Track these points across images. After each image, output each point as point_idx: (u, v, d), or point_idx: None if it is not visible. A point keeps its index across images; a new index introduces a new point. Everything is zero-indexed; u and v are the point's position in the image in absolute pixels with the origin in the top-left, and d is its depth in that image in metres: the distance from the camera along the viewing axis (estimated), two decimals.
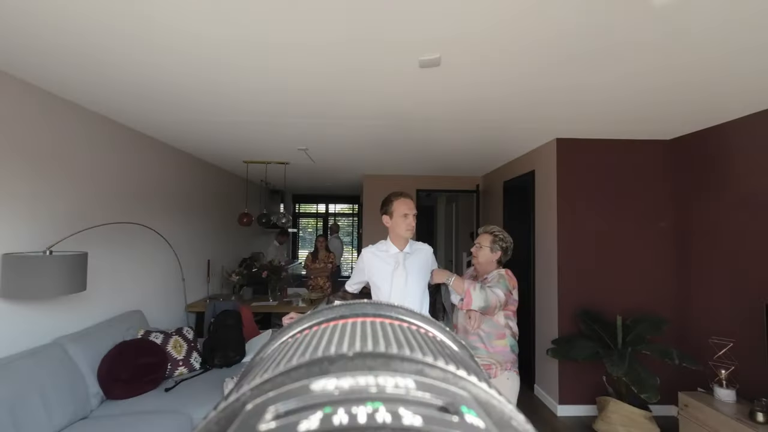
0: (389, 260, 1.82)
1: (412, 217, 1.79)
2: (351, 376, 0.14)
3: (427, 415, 0.12)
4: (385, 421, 0.12)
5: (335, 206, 8.62)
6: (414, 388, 0.14)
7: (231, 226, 5.19)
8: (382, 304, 0.23)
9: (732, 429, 2.25)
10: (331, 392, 0.13)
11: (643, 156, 3.31)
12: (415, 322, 0.22)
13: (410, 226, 1.79)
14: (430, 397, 0.13)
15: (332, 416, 0.12)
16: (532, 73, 2.02)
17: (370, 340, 0.17)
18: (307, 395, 0.13)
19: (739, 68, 1.93)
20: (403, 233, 1.80)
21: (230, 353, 2.89)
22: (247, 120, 2.92)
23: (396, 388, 0.14)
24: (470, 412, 0.13)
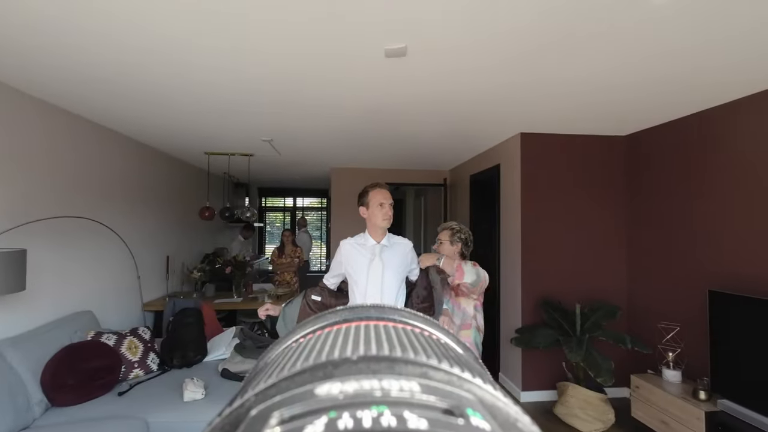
0: (366, 252, 1.80)
1: (389, 206, 1.78)
2: (355, 380, 0.14)
3: (432, 418, 0.12)
4: (390, 424, 0.12)
5: (303, 200, 8.46)
6: (419, 392, 0.14)
7: (192, 221, 4.96)
8: (386, 308, 0.23)
9: (678, 407, 2.41)
10: (335, 397, 0.13)
11: (601, 151, 3.45)
12: (418, 325, 0.22)
13: (387, 215, 1.77)
14: (435, 400, 0.13)
15: (337, 421, 0.12)
16: (498, 65, 2.03)
17: (374, 343, 0.17)
18: (311, 400, 0.13)
19: (681, 68, 2.04)
20: (379, 223, 1.78)
21: (190, 353, 2.77)
22: (206, 110, 2.77)
23: (401, 391, 0.13)
24: (476, 414, 0.13)
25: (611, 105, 2.66)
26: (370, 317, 0.22)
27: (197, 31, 1.69)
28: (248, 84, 2.30)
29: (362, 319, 0.21)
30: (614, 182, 3.46)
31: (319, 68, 2.08)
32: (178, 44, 1.81)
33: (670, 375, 2.65)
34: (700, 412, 2.26)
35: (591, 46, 1.82)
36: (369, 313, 0.22)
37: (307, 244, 6.05)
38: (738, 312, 2.23)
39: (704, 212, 2.68)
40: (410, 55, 1.89)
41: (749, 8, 1.52)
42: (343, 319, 0.22)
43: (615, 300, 3.35)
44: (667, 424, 2.48)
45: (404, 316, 0.22)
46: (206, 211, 4.27)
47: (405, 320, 0.22)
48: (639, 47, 1.82)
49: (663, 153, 3.07)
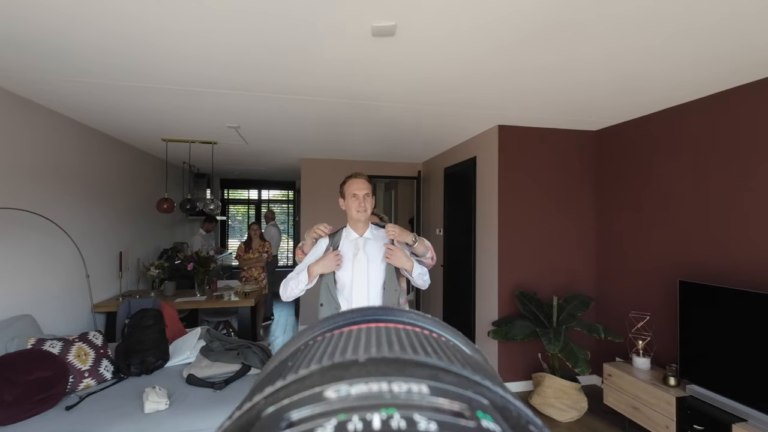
0: (349, 246, 1.67)
1: (363, 197, 1.66)
2: (364, 383, 0.14)
3: (442, 420, 0.12)
4: (399, 427, 0.12)
5: (269, 192, 8.12)
6: (428, 394, 0.13)
7: (148, 214, 4.58)
8: (395, 309, 0.23)
9: (648, 393, 2.49)
10: (345, 399, 0.13)
11: (573, 145, 3.51)
12: (427, 326, 0.22)
13: (361, 206, 1.66)
14: (445, 402, 0.13)
15: (347, 423, 0.12)
16: (489, 52, 1.95)
17: (385, 345, 0.17)
18: (321, 402, 0.13)
19: (653, 65, 2.07)
20: (353, 215, 1.68)
21: (150, 358, 2.52)
22: (162, 88, 2.51)
23: (410, 393, 0.13)
24: (486, 417, 0.13)
25: (586, 99, 2.68)
26: (379, 319, 0.21)
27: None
28: (215, 58, 2.08)
29: (371, 321, 0.21)
30: (585, 176, 3.54)
31: (298, 46, 1.90)
32: None
33: (640, 362, 2.74)
34: (671, 397, 2.34)
35: (589, 34, 1.78)
36: (378, 315, 0.22)
37: (276, 239, 5.80)
38: (706, 301, 2.32)
39: (671, 206, 2.78)
40: (399, 35, 1.77)
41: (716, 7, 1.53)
42: (352, 321, 0.21)
43: (584, 290, 3.45)
44: (638, 409, 2.56)
45: (413, 318, 0.22)
46: (165, 203, 3.94)
47: (414, 322, 0.22)
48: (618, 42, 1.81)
49: (630, 148, 3.16)
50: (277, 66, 2.15)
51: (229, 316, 4.17)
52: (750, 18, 1.62)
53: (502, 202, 3.34)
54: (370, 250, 1.69)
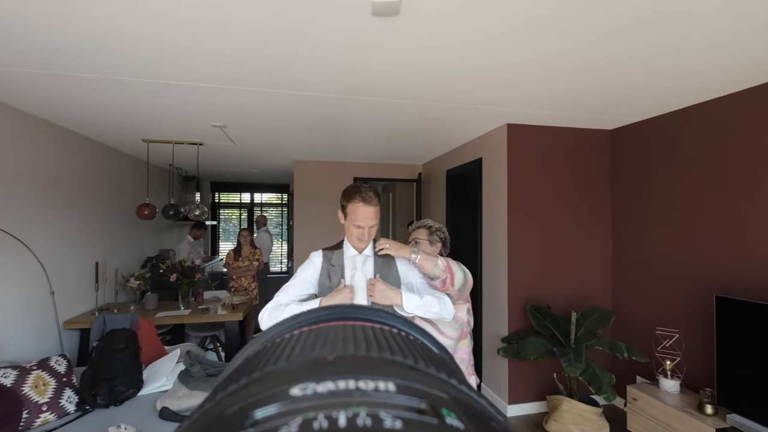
0: (347, 263, 1.40)
1: (367, 230, 1.37)
2: (331, 381, 0.14)
3: (407, 418, 0.12)
4: (365, 424, 0.12)
5: (262, 195, 7.81)
6: (394, 392, 0.14)
7: (131, 221, 4.27)
8: (363, 308, 0.23)
9: (682, 422, 2.23)
10: (310, 397, 0.13)
11: (587, 145, 3.25)
12: (395, 325, 0.22)
13: (363, 237, 1.38)
14: (410, 400, 0.13)
15: (312, 421, 0.12)
16: (499, 35, 1.68)
17: (351, 343, 0.17)
18: (286, 400, 0.13)
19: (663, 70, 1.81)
20: (353, 242, 1.42)
21: (119, 387, 2.22)
22: (142, 80, 2.22)
23: (376, 391, 0.13)
24: (450, 414, 0.13)
25: (601, 92, 2.42)
26: (347, 317, 0.21)
27: None
28: (199, 48, 1.79)
29: (339, 319, 0.21)
30: (600, 179, 3.28)
31: (288, 34, 1.63)
32: None
33: (668, 385, 2.48)
34: (710, 428, 2.08)
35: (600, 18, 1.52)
36: (346, 313, 0.22)
37: (267, 245, 5.50)
38: (748, 319, 2.06)
39: (700, 213, 2.53)
40: (404, 14, 1.49)
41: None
42: (319, 318, 0.21)
43: (600, 303, 3.18)
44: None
45: (381, 317, 0.22)
46: (146, 209, 3.63)
47: (382, 320, 0.22)
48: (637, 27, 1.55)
49: (649, 149, 2.90)
50: (263, 56, 1.87)
51: (217, 329, 3.87)
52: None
53: (512, 207, 3.07)
54: (370, 268, 1.42)
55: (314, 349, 0.17)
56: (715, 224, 2.43)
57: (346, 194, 1.41)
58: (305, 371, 0.15)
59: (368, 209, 1.35)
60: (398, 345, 0.18)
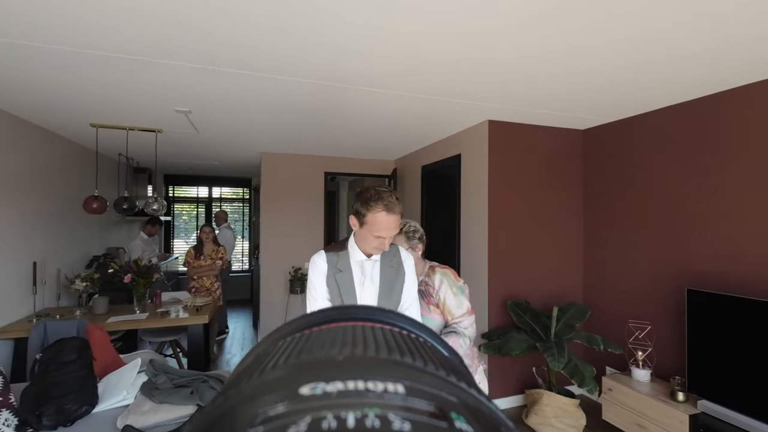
0: (355, 269, 1.27)
1: (388, 240, 1.26)
2: (340, 381, 0.14)
3: (416, 420, 0.12)
4: (374, 426, 0.12)
5: (221, 189, 7.36)
6: (404, 394, 0.14)
7: (75, 216, 3.82)
8: (373, 309, 0.22)
9: (656, 409, 2.33)
10: (320, 397, 0.13)
11: (562, 144, 3.33)
12: (405, 327, 0.22)
13: (380, 248, 1.28)
14: (419, 402, 0.13)
15: (321, 421, 0.12)
16: (500, 28, 1.64)
17: (360, 344, 0.17)
18: (295, 399, 0.13)
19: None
20: (369, 250, 1.30)
21: (70, 404, 1.93)
22: (90, 53, 1.93)
23: (385, 393, 0.13)
24: (459, 418, 0.13)
25: (584, 92, 2.47)
26: (358, 318, 0.21)
27: None
28: (159, 15, 1.58)
29: (349, 320, 0.21)
30: (574, 177, 3.38)
31: (270, 8, 1.47)
32: None
33: (640, 374, 2.59)
34: (684, 415, 2.19)
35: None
36: (356, 314, 0.22)
37: (231, 242, 5.17)
38: (716, 311, 2.19)
39: (668, 211, 2.66)
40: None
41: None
42: (330, 319, 0.21)
43: (574, 298, 3.29)
44: (644, 427, 2.40)
45: (391, 318, 0.22)
46: (94, 202, 3.25)
47: (392, 322, 0.22)
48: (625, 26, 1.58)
49: (619, 149, 3.03)
50: (234, 31, 1.68)
51: (177, 334, 3.56)
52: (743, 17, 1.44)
53: (492, 204, 3.08)
54: (378, 274, 1.32)
55: (324, 349, 0.17)
56: (682, 222, 2.57)
57: (365, 201, 1.23)
58: (315, 371, 0.15)
59: (392, 218, 1.21)
60: (408, 347, 0.18)
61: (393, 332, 0.20)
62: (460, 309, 1.54)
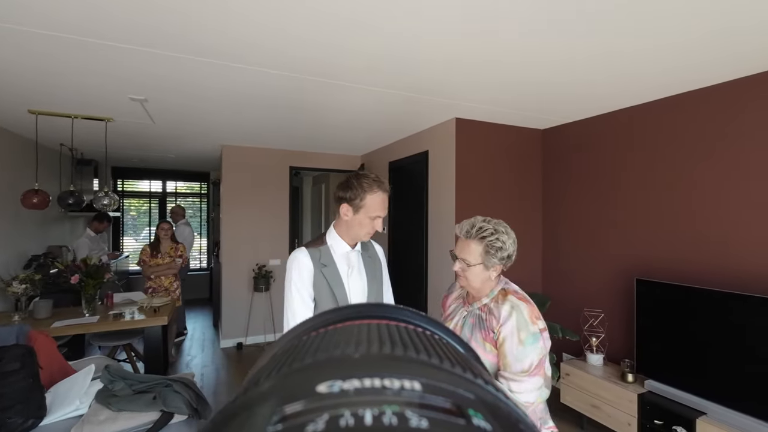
0: (340, 261, 1.26)
1: (381, 221, 1.29)
2: (357, 379, 0.14)
3: (433, 418, 0.12)
4: (391, 423, 0.12)
5: (176, 184, 6.97)
6: (421, 391, 0.14)
7: (10, 211, 3.46)
8: (389, 306, 0.23)
9: (608, 390, 2.52)
10: (337, 395, 0.13)
11: (523, 143, 3.48)
12: (421, 324, 0.22)
13: (374, 230, 1.30)
14: (436, 399, 0.13)
15: (339, 419, 0.12)
16: (487, 31, 1.68)
17: (376, 342, 0.17)
18: (313, 398, 0.13)
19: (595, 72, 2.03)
20: (362, 236, 1.30)
21: (14, 418, 1.76)
22: (28, 32, 1.76)
23: (402, 390, 0.13)
24: (477, 415, 0.13)
25: (539, 90, 2.60)
26: (373, 316, 0.21)
27: None
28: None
29: (365, 317, 0.21)
30: (533, 174, 3.54)
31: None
32: None
33: (594, 359, 2.78)
34: (632, 394, 2.38)
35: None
36: (371, 312, 0.22)
37: (189, 239, 4.92)
38: (661, 298, 2.40)
39: (619, 206, 2.87)
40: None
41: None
42: (345, 317, 0.21)
43: (534, 289, 3.46)
44: (598, 407, 2.58)
45: (407, 316, 0.22)
46: (34, 196, 2.97)
47: (408, 319, 0.22)
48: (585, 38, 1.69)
49: (575, 148, 3.22)
50: (206, 11, 1.60)
51: (131, 337, 3.34)
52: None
53: (459, 200, 3.16)
54: (362, 264, 1.32)
55: (340, 347, 0.17)
56: (632, 216, 2.78)
57: (361, 186, 1.24)
58: (331, 369, 0.15)
59: (386, 197, 1.29)
60: (423, 344, 0.18)
61: (408, 329, 0.20)
62: (519, 363, 1.06)
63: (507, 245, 1.20)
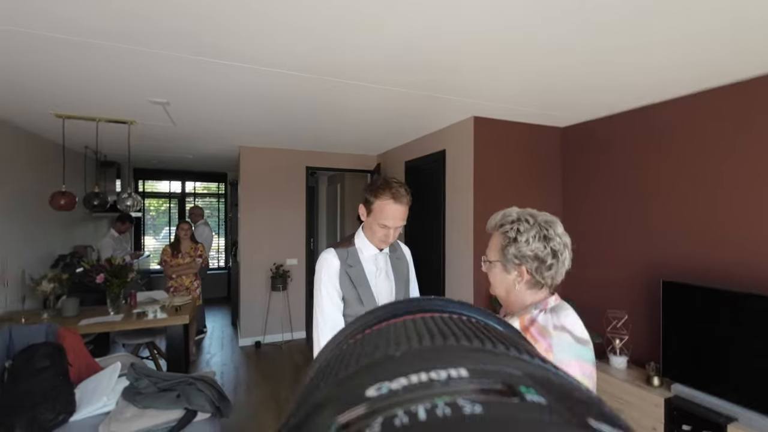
0: (367, 263, 1.26)
1: (393, 231, 1.25)
2: (403, 377, 0.14)
3: (486, 401, 0.12)
4: (445, 414, 0.12)
5: (195, 184, 7.10)
6: (468, 377, 0.14)
7: (37, 212, 3.58)
8: (419, 299, 0.23)
9: (633, 395, 2.45)
10: (386, 396, 0.13)
11: (542, 141, 3.42)
12: (455, 310, 0.22)
13: (386, 239, 1.26)
14: (486, 382, 0.13)
15: (393, 419, 0.12)
16: (519, 26, 1.65)
17: (415, 337, 0.17)
18: (364, 403, 0.13)
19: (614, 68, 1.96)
20: (375, 243, 1.29)
21: (45, 414, 1.82)
22: (49, 37, 1.80)
23: (450, 380, 0.13)
24: (530, 391, 0.13)
25: (560, 87, 2.54)
26: (407, 312, 0.21)
27: None
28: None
29: (399, 315, 0.21)
30: (553, 174, 3.48)
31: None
32: None
33: (617, 361, 2.71)
34: (659, 398, 2.31)
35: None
36: (404, 308, 0.22)
37: (209, 239, 5.01)
38: (689, 300, 2.32)
39: (643, 206, 2.79)
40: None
41: None
42: (380, 318, 0.22)
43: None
44: (622, 411, 2.51)
45: (438, 305, 0.22)
46: (61, 198, 3.06)
47: (441, 308, 0.22)
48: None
49: (596, 146, 3.14)
50: (230, 14, 1.62)
51: (154, 335, 3.42)
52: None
53: (477, 200, 3.13)
54: (390, 266, 1.32)
55: (380, 348, 0.17)
56: (658, 216, 2.70)
57: (373, 189, 1.25)
58: (377, 372, 0.15)
59: (398, 208, 1.21)
60: (462, 330, 0.18)
61: (443, 318, 0.20)
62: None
63: (528, 239, 0.92)
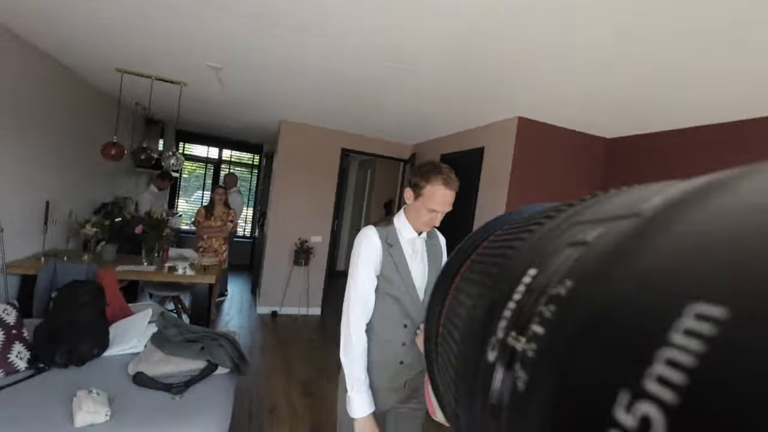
0: (405, 246, 1.28)
1: (441, 215, 1.26)
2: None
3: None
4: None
5: (231, 153, 7.30)
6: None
7: (88, 160, 3.78)
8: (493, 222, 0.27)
9: None
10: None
11: (587, 150, 3.32)
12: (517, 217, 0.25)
13: (431, 224, 1.27)
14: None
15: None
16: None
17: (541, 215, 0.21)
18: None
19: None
20: (418, 226, 1.29)
21: (82, 346, 1.96)
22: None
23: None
24: None
25: (618, 98, 2.45)
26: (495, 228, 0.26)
27: None
28: None
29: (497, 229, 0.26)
30: (593, 185, 3.38)
31: None
32: None
33: None
34: None
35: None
36: (492, 228, 0.26)
37: (239, 207, 5.16)
38: None
39: None
40: None
41: None
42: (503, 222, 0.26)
43: None
44: None
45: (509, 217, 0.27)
46: (112, 148, 3.21)
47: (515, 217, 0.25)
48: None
49: (640, 162, 3.03)
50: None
51: (180, 290, 3.59)
52: None
53: (510, 201, 3.08)
54: (425, 251, 1.33)
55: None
56: None
57: (424, 172, 1.24)
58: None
59: (449, 193, 1.22)
60: (541, 216, 0.21)
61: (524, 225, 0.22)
62: None
63: None
